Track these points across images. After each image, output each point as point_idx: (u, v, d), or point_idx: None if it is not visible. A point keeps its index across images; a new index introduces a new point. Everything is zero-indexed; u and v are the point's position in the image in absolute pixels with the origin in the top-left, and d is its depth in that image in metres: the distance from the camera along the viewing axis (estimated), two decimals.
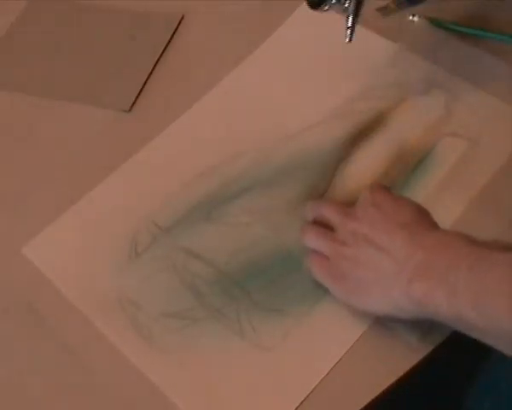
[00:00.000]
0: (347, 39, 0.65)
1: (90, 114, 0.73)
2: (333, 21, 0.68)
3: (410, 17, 0.75)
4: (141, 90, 0.74)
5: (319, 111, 0.69)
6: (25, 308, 0.60)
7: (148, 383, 0.55)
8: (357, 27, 0.64)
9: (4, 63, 0.80)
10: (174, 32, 0.79)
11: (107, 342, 0.58)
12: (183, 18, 0.81)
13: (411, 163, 0.65)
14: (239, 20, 0.79)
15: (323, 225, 0.59)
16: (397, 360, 0.54)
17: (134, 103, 0.73)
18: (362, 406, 0.53)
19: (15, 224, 0.66)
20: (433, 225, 0.55)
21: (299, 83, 0.72)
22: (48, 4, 0.84)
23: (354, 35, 0.64)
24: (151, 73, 0.76)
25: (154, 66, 0.76)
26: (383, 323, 0.55)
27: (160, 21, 0.81)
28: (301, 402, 0.54)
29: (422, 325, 0.54)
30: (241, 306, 0.58)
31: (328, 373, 0.55)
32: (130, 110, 0.73)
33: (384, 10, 0.76)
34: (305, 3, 0.64)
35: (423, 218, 0.55)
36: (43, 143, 0.72)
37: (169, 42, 0.78)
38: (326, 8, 0.64)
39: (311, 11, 0.64)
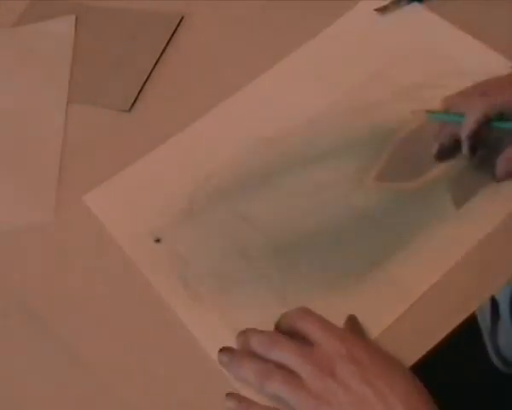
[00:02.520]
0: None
1: (90, 114, 0.74)
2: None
3: None
4: (141, 90, 0.74)
5: (386, 89, 0.70)
6: (25, 308, 0.61)
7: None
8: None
9: None
10: (174, 32, 0.79)
11: (108, 342, 0.58)
12: (183, 18, 0.81)
13: None
14: (239, 21, 0.79)
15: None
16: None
17: (134, 103, 0.74)
18: None
19: None
20: (428, 399, 0.49)
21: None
22: (48, 4, 0.85)
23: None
24: (151, 73, 0.76)
25: (154, 66, 0.76)
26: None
27: (160, 21, 0.81)
28: None
29: None
30: (287, 275, 0.59)
31: None
32: (130, 110, 0.73)
33: (383, 10, 0.77)
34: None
35: (416, 388, 0.50)
36: None
37: (169, 42, 0.79)
38: None
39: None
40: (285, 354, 0.52)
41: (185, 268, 0.60)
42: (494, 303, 0.75)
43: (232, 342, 0.56)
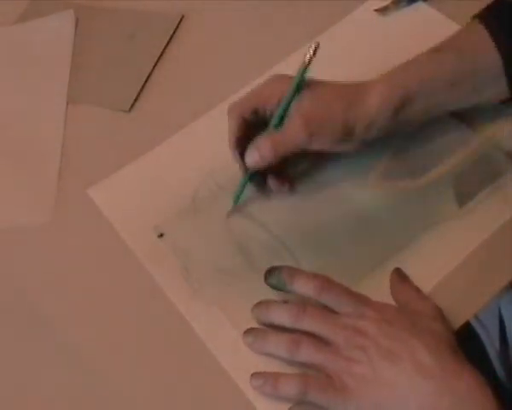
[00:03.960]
0: None
1: (90, 114, 0.74)
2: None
3: None
4: (141, 90, 0.75)
5: None
6: (25, 308, 0.61)
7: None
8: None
9: None
10: (174, 32, 0.79)
11: (107, 342, 0.58)
12: (183, 18, 0.81)
13: None
14: (239, 21, 0.80)
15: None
16: None
17: (134, 103, 0.74)
18: None
19: None
20: (457, 352, 0.51)
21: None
22: (48, 4, 0.85)
23: None
24: (151, 73, 0.76)
25: (154, 66, 0.77)
26: None
27: (160, 21, 0.81)
28: None
29: None
30: None
31: None
32: (130, 110, 0.73)
33: (383, 11, 0.77)
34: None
35: (443, 339, 0.52)
36: None
37: (169, 42, 0.79)
38: None
39: None
40: (316, 322, 0.53)
41: (187, 263, 0.61)
42: (502, 325, 0.74)
43: (232, 336, 0.56)
